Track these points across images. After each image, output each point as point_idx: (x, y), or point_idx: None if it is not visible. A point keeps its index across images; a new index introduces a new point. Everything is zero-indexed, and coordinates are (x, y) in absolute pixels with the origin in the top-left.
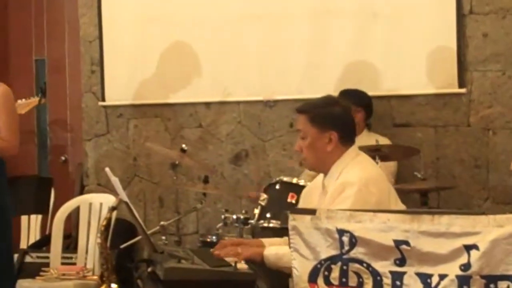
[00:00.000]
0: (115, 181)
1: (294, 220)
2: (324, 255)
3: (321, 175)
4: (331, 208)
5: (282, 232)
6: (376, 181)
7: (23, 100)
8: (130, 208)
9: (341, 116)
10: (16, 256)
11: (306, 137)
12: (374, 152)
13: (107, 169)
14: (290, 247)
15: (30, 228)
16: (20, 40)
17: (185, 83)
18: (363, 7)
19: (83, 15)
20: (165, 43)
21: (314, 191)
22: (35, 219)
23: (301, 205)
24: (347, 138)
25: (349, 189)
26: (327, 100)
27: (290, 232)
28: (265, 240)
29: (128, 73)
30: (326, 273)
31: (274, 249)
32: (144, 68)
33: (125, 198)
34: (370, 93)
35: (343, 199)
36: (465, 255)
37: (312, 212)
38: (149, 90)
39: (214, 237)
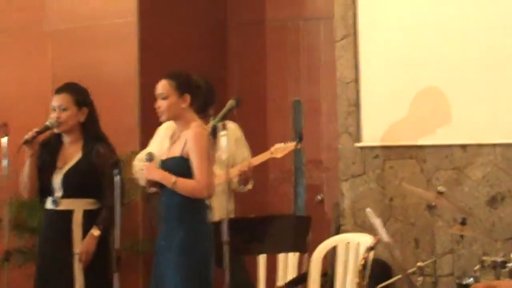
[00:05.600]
0: (377, 222)
1: None
2: None
3: None
4: None
5: None
6: None
7: (281, 144)
8: (391, 249)
9: None
10: None
11: None
12: None
13: (368, 210)
14: None
15: (287, 266)
16: (277, 81)
17: (440, 126)
18: None
19: (340, 57)
20: (419, 86)
21: None
22: (292, 257)
23: None
24: None
25: None
26: None
27: None
28: None
29: (384, 114)
30: None
31: None
32: (399, 110)
33: (387, 239)
34: None
35: None
36: None
37: None
38: (404, 131)
39: (471, 279)
